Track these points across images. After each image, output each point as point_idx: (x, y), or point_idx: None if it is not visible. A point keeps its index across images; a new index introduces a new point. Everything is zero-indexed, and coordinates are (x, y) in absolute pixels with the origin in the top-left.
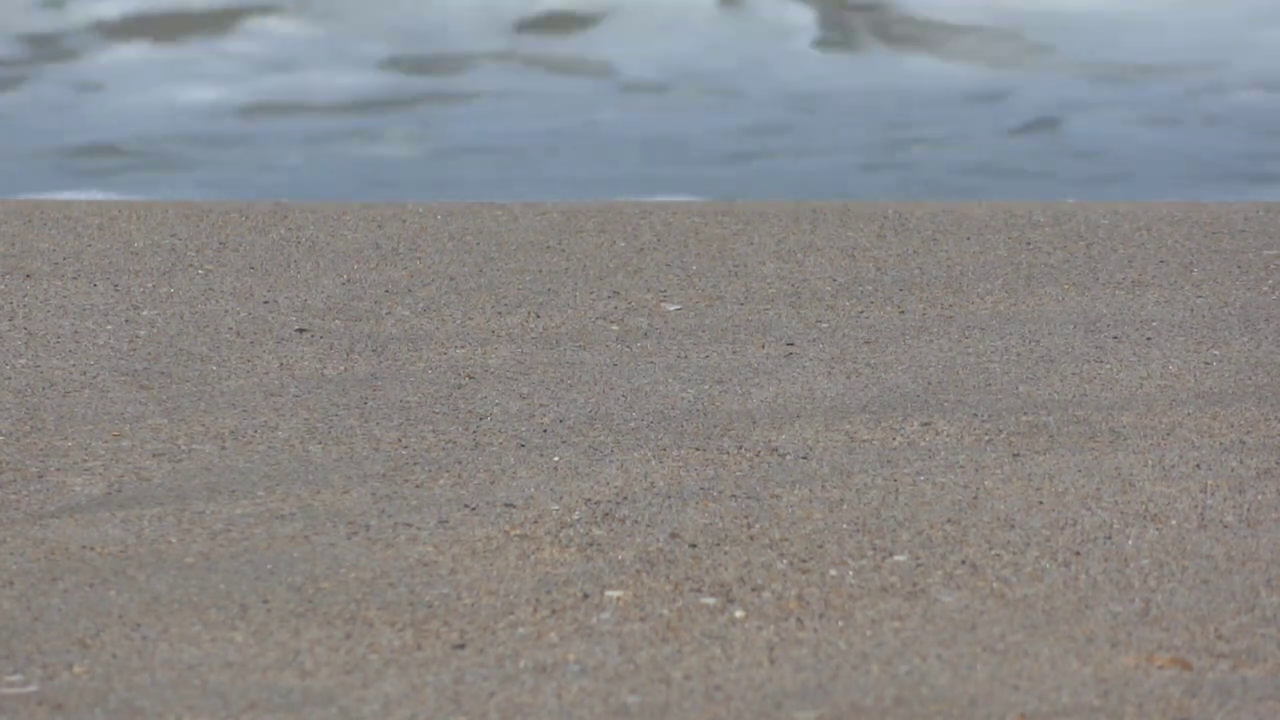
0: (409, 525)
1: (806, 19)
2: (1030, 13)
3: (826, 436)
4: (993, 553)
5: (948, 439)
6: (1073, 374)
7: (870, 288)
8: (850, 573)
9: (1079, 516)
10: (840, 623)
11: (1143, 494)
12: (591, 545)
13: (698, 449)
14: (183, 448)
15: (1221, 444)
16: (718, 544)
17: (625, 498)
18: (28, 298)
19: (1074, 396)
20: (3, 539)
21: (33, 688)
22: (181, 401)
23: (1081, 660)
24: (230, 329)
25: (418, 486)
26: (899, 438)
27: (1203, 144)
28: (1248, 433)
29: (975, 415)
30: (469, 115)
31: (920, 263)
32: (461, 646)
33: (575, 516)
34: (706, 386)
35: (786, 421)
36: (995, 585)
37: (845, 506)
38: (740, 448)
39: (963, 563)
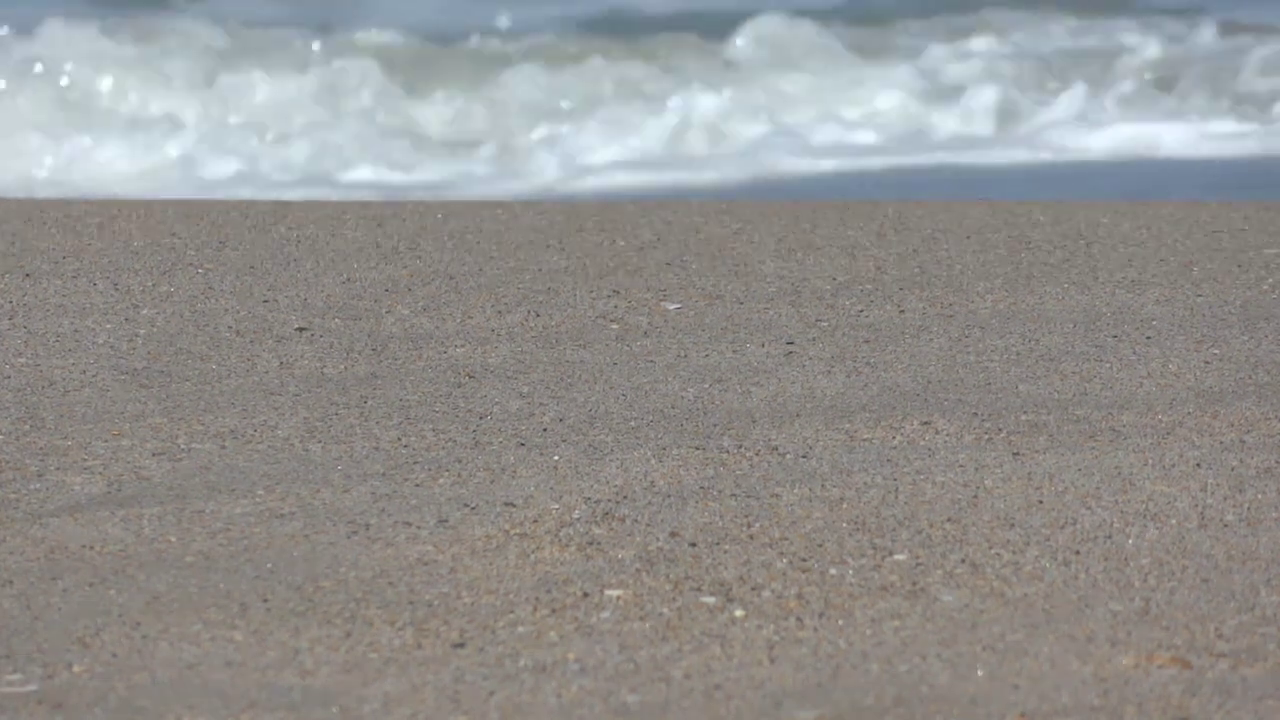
0: (409, 524)
1: None
2: None
3: (826, 435)
4: (993, 552)
5: (948, 438)
6: (1073, 373)
7: (870, 286)
8: (850, 571)
9: (1079, 515)
10: (840, 622)
11: (1143, 493)
12: (591, 544)
13: (697, 448)
14: (182, 446)
15: (1221, 443)
16: (717, 543)
17: (625, 497)
18: (27, 297)
19: (1074, 395)
20: (2, 538)
21: (33, 687)
22: (181, 400)
23: (1081, 660)
24: (230, 328)
25: (418, 485)
26: (899, 436)
27: None
28: (1248, 432)
29: (975, 414)
30: None
31: (920, 261)
32: (461, 645)
33: (575, 516)
34: (706, 385)
35: (786, 420)
36: (995, 584)
37: (845, 505)
38: (740, 447)
39: (963, 562)
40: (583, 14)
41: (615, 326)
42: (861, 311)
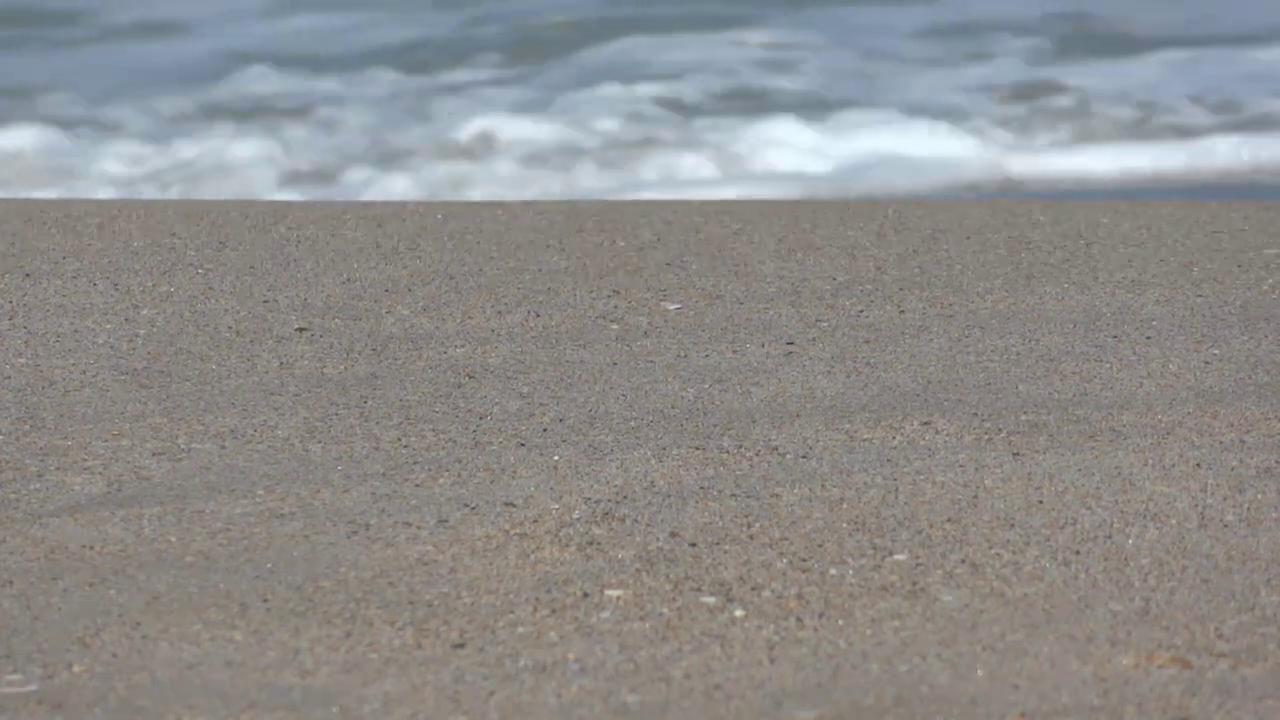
0: (409, 524)
1: None
2: None
3: (826, 435)
4: (993, 552)
5: (948, 438)
6: (1073, 373)
7: (870, 286)
8: (850, 572)
9: (1079, 516)
10: (840, 622)
11: (1143, 493)
12: (591, 544)
13: (697, 448)
14: (182, 446)
15: (1221, 443)
16: (717, 543)
17: (625, 497)
18: (27, 297)
19: (1074, 396)
20: (2, 538)
21: (33, 687)
22: (181, 400)
23: (1081, 660)
24: (230, 328)
25: (418, 486)
26: (899, 437)
27: None
28: (1248, 432)
29: (975, 414)
30: None
31: (920, 261)
32: (461, 645)
33: (575, 516)
34: (706, 386)
35: (786, 420)
36: (995, 584)
37: (845, 505)
38: (740, 447)
39: (963, 562)
40: None
41: (615, 326)
42: (861, 311)
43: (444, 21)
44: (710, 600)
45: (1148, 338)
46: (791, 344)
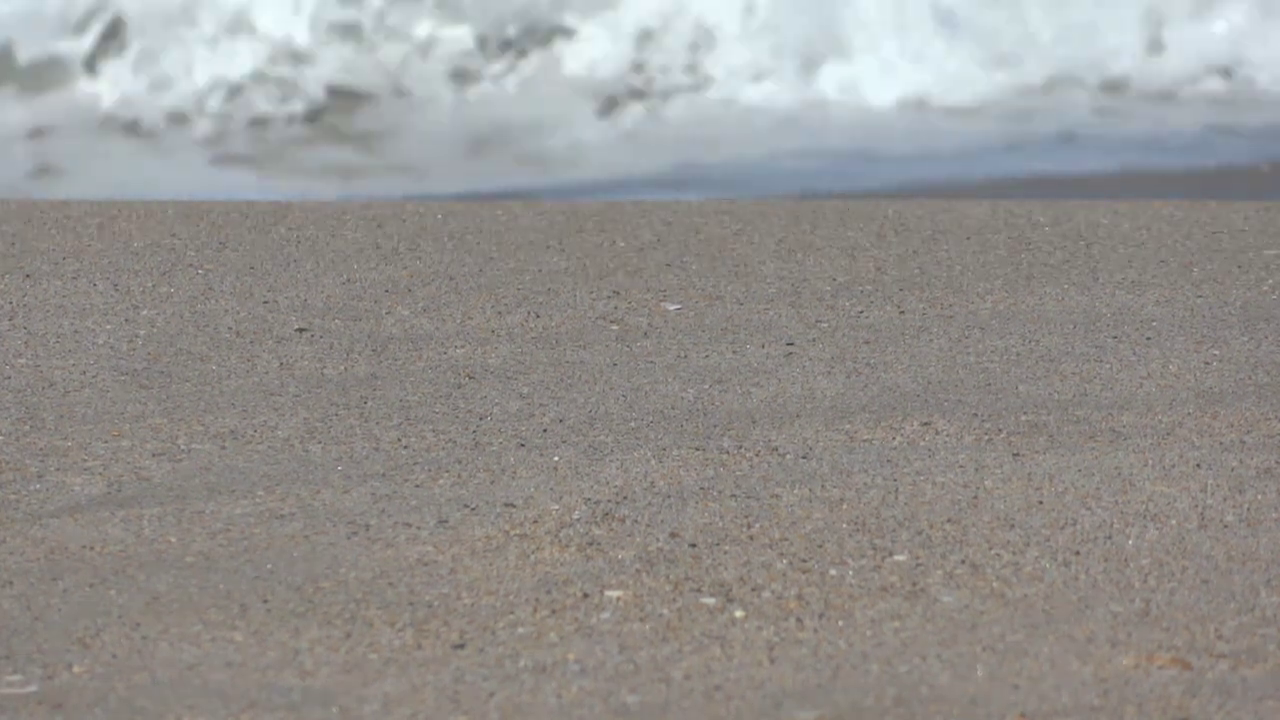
0: (409, 525)
1: None
2: None
3: (826, 436)
4: (993, 552)
5: (948, 439)
6: (1073, 374)
7: (870, 287)
8: (850, 572)
9: (1079, 516)
10: (840, 622)
11: (1143, 494)
12: (591, 545)
13: (698, 449)
14: (182, 447)
15: (1221, 443)
16: (717, 544)
17: (625, 497)
18: (27, 298)
19: (1074, 396)
20: (2, 538)
21: (33, 688)
22: (181, 401)
23: (1081, 660)
24: (230, 329)
25: (418, 486)
26: (899, 437)
27: None
28: (1248, 432)
29: (975, 415)
30: None
31: (920, 262)
32: (461, 646)
33: (575, 516)
34: (706, 386)
35: (786, 421)
36: (995, 585)
37: (845, 506)
38: (740, 447)
39: (963, 562)
40: None
41: (615, 327)
42: (861, 312)
43: None
44: (710, 601)
45: (1148, 338)
46: (791, 344)
